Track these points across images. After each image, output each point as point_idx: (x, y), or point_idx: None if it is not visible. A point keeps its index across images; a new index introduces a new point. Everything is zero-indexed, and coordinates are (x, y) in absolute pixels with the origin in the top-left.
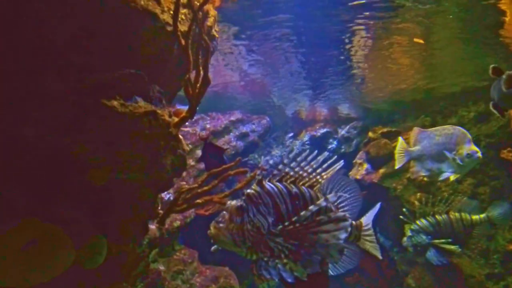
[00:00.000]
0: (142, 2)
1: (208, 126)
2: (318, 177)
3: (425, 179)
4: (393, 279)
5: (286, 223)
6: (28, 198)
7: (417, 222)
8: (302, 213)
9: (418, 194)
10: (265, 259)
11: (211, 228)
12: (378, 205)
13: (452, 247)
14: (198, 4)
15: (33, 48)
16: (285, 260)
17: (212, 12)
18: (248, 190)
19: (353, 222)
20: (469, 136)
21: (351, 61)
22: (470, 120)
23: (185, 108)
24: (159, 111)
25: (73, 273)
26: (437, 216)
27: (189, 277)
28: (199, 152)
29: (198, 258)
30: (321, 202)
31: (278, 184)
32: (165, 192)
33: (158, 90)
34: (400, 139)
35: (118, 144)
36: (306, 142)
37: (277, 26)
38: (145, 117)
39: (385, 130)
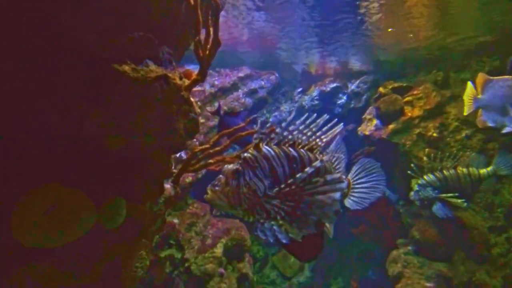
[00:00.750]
0: None
1: (216, 82)
2: (318, 140)
3: (435, 134)
4: (398, 231)
5: (282, 185)
6: (47, 165)
7: (425, 177)
8: (298, 175)
9: (427, 149)
10: (261, 220)
11: (208, 191)
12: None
13: (459, 201)
14: None
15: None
16: (280, 222)
17: None
18: (245, 154)
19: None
20: None
21: (364, 10)
22: None
23: (194, 67)
24: (170, 75)
25: (96, 233)
26: (444, 171)
27: (202, 229)
28: (208, 109)
29: (210, 211)
30: (317, 163)
31: (275, 147)
32: None
33: (167, 52)
34: (469, 84)
35: (131, 109)
36: (315, 97)
37: None
38: (157, 81)
39: (396, 85)
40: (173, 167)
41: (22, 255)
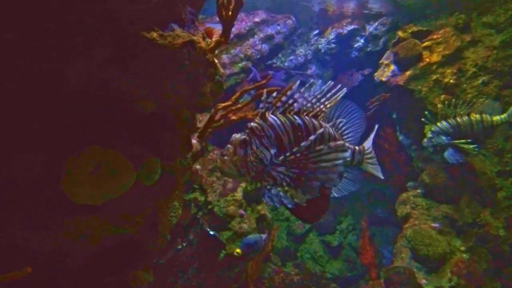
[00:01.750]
0: None
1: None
2: (322, 106)
3: (451, 81)
4: (409, 175)
5: (287, 154)
6: (86, 130)
7: (438, 124)
8: (303, 143)
9: (443, 96)
10: (268, 187)
11: (218, 161)
12: (376, 127)
13: (471, 147)
14: None
15: None
16: (286, 188)
17: None
18: (251, 124)
19: (356, 148)
20: None
21: None
22: (507, 19)
23: (215, 26)
24: (195, 38)
25: (136, 189)
26: (457, 118)
27: None
28: (224, 57)
29: None
30: (320, 131)
31: (281, 116)
32: None
33: (190, 12)
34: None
35: (160, 75)
36: (332, 40)
37: None
38: (184, 47)
39: (415, 29)
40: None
41: (70, 210)
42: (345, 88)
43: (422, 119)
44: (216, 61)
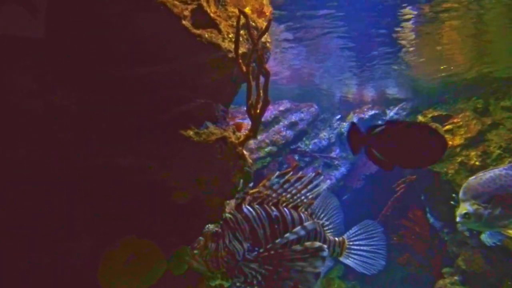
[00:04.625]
0: (207, 35)
1: None
2: (303, 197)
3: (477, 163)
4: (443, 260)
5: (261, 250)
6: (125, 218)
7: None
8: (278, 240)
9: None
10: (238, 284)
11: (187, 253)
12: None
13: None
14: (255, 31)
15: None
16: (255, 287)
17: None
18: (226, 214)
19: (336, 240)
20: None
21: (400, 44)
22: None
23: (243, 121)
24: (226, 134)
25: (166, 279)
26: None
27: None
28: (252, 143)
29: None
30: (299, 230)
31: (257, 207)
32: None
33: (222, 109)
34: None
35: (195, 169)
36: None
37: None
38: (217, 143)
39: (435, 113)
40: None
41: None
42: (328, 180)
43: (452, 202)
44: (245, 153)
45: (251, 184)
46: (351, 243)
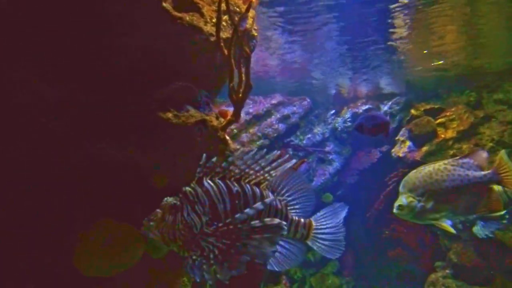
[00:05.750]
0: (188, 18)
1: (250, 110)
2: (266, 174)
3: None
4: (435, 254)
5: (220, 224)
6: (103, 202)
7: None
8: (237, 215)
9: None
10: (193, 257)
11: (143, 225)
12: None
13: (502, 213)
14: (237, 15)
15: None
16: (211, 261)
17: (251, 14)
18: (186, 188)
19: (302, 221)
20: None
21: (394, 38)
22: None
23: (229, 108)
24: (207, 118)
25: (145, 262)
26: None
27: None
28: (243, 136)
29: None
30: (258, 205)
31: (218, 182)
32: None
33: (205, 95)
34: None
35: (175, 152)
36: (348, 119)
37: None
38: (196, 125)
39: (428, 107)
40: None
41: (80, 283)
42: (293, 160)
43: None
44: (227, 138)
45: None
46: (319, 225)
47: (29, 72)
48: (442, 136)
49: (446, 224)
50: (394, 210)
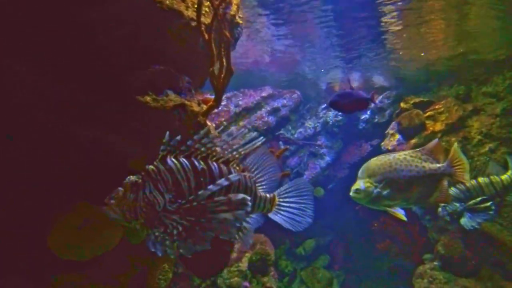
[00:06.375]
0: (168, 2)
1: (240, 103)
2: (235, 153)
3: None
4: (424, 246)
5: (183, 202)
6: (80, 186)
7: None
8: (200, 192)
9: None
10: (156, 233)
11: (105, 203)
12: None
13: (487, 204)
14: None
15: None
16: (174, 237)
17: (235, 1)
18: (148, 166)
19: (267, 196)
20: None
21: (385, 29)
22: (505, 88)
23: (213, 97)
24: (187, 102)
25: (122, 247)
26: (466, 184)
27: None
28: (233, 129)
29: None
30: (222, 181)
31: (183, 160)
32: None
33: (187, 81)
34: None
35: (152, 136)
36: (339, 113)
37: None
38: (175, 109)
39: (417, 100)
40: None
41: (56, 267)
42: (262, 137)
43: None
44: (208, 123)
45: None
46: (281, 199)
47: None
48: (431, 129)
49: (398, 212)
50: (351, 193)
